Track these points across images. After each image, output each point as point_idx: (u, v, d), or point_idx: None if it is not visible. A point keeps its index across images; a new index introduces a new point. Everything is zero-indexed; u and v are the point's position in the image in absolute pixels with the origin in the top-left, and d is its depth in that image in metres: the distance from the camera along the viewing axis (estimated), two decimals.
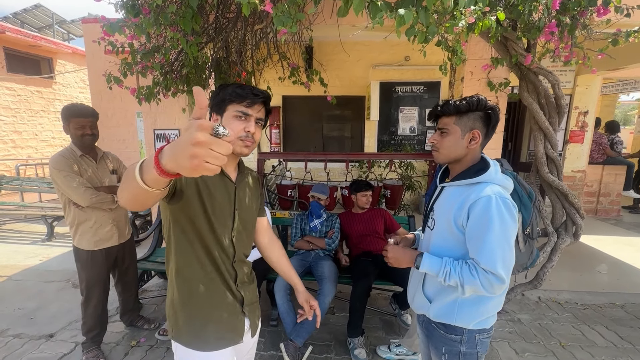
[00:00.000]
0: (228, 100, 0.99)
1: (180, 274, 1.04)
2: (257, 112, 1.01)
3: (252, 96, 0.98)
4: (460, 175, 1.12)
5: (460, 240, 1.07)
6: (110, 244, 2.07)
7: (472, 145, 1.10)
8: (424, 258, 1.09)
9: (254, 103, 0.99)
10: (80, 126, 1.89)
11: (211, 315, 1.05)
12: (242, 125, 0.99)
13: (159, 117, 3.98)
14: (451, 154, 1.12)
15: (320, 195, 2.67)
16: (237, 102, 0.98)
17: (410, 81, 5.78)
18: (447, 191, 1.15)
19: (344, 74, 5.84)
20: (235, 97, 0.98)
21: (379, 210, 2.73)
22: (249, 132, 0.99)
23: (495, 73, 2.63)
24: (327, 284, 2.22)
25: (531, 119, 2.36)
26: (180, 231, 1.01)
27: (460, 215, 1.05)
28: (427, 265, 1.08)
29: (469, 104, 1.07)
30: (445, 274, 1.04)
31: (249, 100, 0.98)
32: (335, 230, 2.60)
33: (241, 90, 0.98)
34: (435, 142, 1.15)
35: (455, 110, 1.09)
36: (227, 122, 0.99)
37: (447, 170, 1.28)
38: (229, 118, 0.99)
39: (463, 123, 1.09)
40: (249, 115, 0.99)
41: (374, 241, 2.52)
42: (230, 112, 0.99)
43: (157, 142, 3.71)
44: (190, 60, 2.17)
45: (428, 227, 1.20)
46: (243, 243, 1.13)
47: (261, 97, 1.00)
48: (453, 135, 1.10)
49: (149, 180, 0.62)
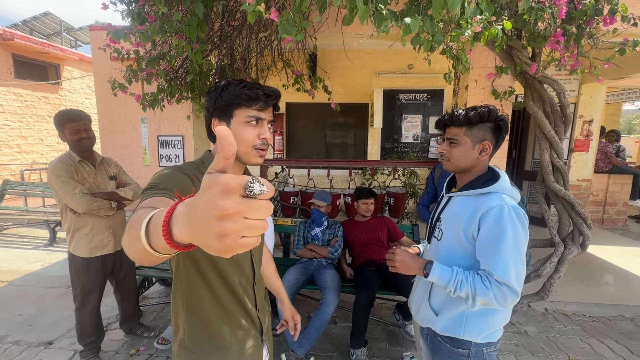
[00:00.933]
0: (236, 103, 0.84)
1: (192, 311, 0.90)
2: (269, 114, 0.89)
3: (264, 98, 0.84)
4: (469, 185, 1.11)
5: (469, 252, 1.05)
6: (105, 251, 2.05)
7: (483, 156, 1.09)
8: (434, 266, 1.06)
9: (267, 105, 0.86)
10: (75, 131, 1.88)
11: (229, 352, 0.92)
12: (255, 132, 0.85)
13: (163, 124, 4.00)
14: (461, 164, 1.11)
15: (320, 203, 2.64)
16: (246, 106, 0.84)
17: (413, 89, 5.79)
18: (455, 201, 1.13)
19: (347, 82, 5.87)
20: (246, 99, 0.83)
21: (383, 219, 2.70)
22: (265, 140, 0.86)
23: (500, 81, 2.62)
24: (329, 293, 2.19)
25: (536, 128, 2.34)
26: (190, 263, 0.87)
27: (470, 226, 1.03)
28: (438, 274, 1.05)
29: (480, 115, 1.06)
30: (457, 283, 1.01)
31: (262, 103, 0.84)
32: (339, 238, 2.57)
33: (250, 91, 0.83)
34: (445, 152, 1.13)
35: (466, 122, 1.07)
36: (237, 129, 0.85)
37: (453, 179, 1.27)
38: (239, 124, 0.85)
39: (473, 134, 1.08)
40: (262, 120, 0.86)
41: (377, 250, 2.49)
42: (240, 117, 0.85)
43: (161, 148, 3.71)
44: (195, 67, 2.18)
45: (435, 238, 1.18)
46: (260, 260, 1.04)
47: (274, 97, 0.87)
48: (463, 146, 1.09)
49: (159, 248, 0.45)
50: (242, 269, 0.94)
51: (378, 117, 5.52)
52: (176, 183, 0.81)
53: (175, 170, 0.86)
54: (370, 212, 2.61)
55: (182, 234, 0.39)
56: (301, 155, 6.30)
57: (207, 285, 0.88)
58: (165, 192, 0.74)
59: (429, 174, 2.28)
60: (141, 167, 4.43)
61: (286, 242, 3.04)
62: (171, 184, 0.79)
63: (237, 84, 0.85)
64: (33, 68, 7.59)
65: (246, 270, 0.96)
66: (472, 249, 1.04)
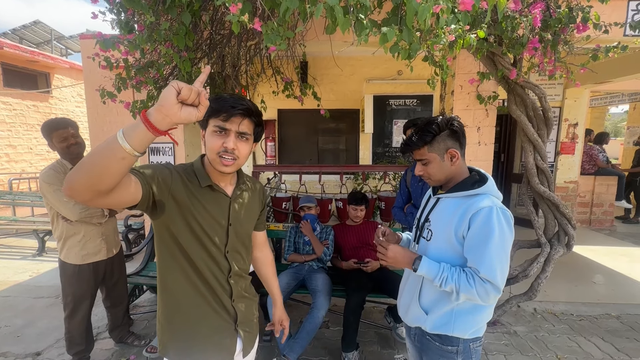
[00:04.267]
0: (207, 114, 0.93)
1: (166, 289, 1.01)
2: (238, 126, 0.93)
3: (228, 108, 0.91)
4: (458, 187, 1.14)
5: (458, 252, 1.08)
6: (97, 258, 2.04)
7: (455, 162, 1.14)
8: (422, 261, 1.10)
9: (232, 115, 0.91)
10: (63, 138, 1.89)
11: (197, 333, 1.01)
12: (219, 141, 0.92)
13: None
14: (441, 177, 1.15)
15: (309, 204, 2.69)
16: (214, 116, 0.92)
17: (403, 94, 5.89)
18: (443, 202, 1.16)
19: (338, 88, 5.94)
20: (212, 111, 0.92)
21: (373, 223, 2.73)
22: (227, 148, 0.92)
23: (485, 86, 2.69)
24: (320, 297, 2.20)
25: (520, 132, 2.40)
26: (164, 246, 0.97)
27: (461, 227, 1.06)
28: (425, 269, 1.09)
29: (431, 132, 1.11)
30: (442, 279, 1.05)
31: (225, 114, 0.91)
32: (330, 242, 2.59)
33: (217, 103, 0.92)
34: (422, 173, 1.18)
35: (423, 142, 1.12)
36: (208, 138, 0.94)
37: None
38: (208, 133, 0.94)
39: (436, 148, 1.12)
40: (227, 130, 0.92)
41: (367, 253, 2.51)
42: (210, 127, 0.94)
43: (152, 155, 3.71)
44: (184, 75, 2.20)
45: (423, 238, 1.20)
46: (240, 258, 1.09)
47: (239, 108, 0.91)
48: (433, 162, 1.14)
49: (136, 142, 0.68)
50: (214, 258, 1.01)
51: (369, 122, 5.59)
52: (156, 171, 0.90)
53: (161, 165, 0.96)
54: (360, 218, 2.64)
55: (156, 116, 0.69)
56: (294, 161, 6.33)
57: (179, 265, 0.98)
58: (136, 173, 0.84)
59: (402, 177, 2.33)
60: None
61: (278, 248, 3.05)
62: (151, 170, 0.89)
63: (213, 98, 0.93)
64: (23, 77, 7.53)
65: (221, 263, 1.03)
66: (461, 250, 1.07)
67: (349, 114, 6.18)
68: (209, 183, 0.99)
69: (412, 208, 2.15)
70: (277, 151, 6.42)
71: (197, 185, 0.98)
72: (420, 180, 2.07)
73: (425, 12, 1.05)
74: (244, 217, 1.08)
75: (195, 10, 1.81)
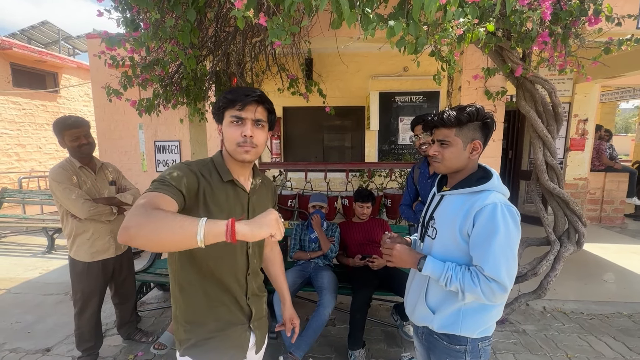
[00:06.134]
0: (223, 107, 0.97)
1: (184, 289, 1.02)
2: (254, 114, 0.97)
3: (242, 97, 0.95)
4: (462, 184, 1.12)
5: (463, 250, 1.07)
6: (107, 255, 2.07)
7: (474, 155, 1.11)
8: (427, 261, 1.09)
9: (246, 104, 0.95)
10: (75, 137, 1.91)
11: (215, 330, 1.02)
12: (238, 130, 0.96)
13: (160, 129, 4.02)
14: (454, 165, 1.12)
15: (321, 203, 2.69)
16: (230, 107, 0.96)
17: (409, 91, 5.83)
18: (448, 200, 1.15)
19: (343, 85, 5.91)
20: (228, 102, 0.96)
21: (379, 221, 2.72)
22: (246, 137, 0.96)
23: (493, 82, 2.65)
24: (327, 294, 2.20)
25: (529, 127, 2.36)
26: None
27: (465, 224, 1.04)
28: (430, 268, 1.08)
29: (469, 115, 1.07)
30: (447, 279, 1.04)
31: (240, 103, 0.95)
32: (336, 238, 2.60)
33: (231, 94, 0.96)
34: (437, 154, 1.14)
35: (457, 122, 1.09)
36: (226, 130, 0.98)
37: (443, 178, 1.28)
38: (226, 125, 0.98)
39: (464, 134, 1.09)
40: (243, 119, 0.96)
41: (373, 250, 2.50)
42: (227, 118, 0.97)
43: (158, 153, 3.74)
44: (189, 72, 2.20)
45: (428, 237, 1.19)
46: (257, 255, 1.12)
47: (252, 96, 0.95)
48: (455, 147, 1.10)
49: (210, 239, 0.73)
50: (235, 258, 1.03)
51: (374, 119, 5.56)
52: (182, 181, 0.92)
53: (184, 166, 0.97)
54: (366, 215, 2.63)
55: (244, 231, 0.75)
56: (299, 159, 6.32)
57: (198, 268, 1.00)
58: (169, 190, 0.87)
59: (409, 174, 2.31)
60: (139, 173, 4.44)
61: (283, 246, 3.05)
62: (178, 182, 0.90)
63: (226, 90, 0.99)
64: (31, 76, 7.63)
65: (239, 261, 1.05)
66: (467, 248, 1.06)
67: (355, 111, 6.14)
68: (230, 178, 1.02)
69: (420, 205, 2.13)
70: (282, 149, 6.43)
71: (218, 180, 1.00)
72: (428, 177, 2.04)
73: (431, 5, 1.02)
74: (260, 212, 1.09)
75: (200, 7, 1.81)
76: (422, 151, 2.05)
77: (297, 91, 3.07)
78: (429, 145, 1.60)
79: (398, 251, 1.16)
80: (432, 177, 2.01)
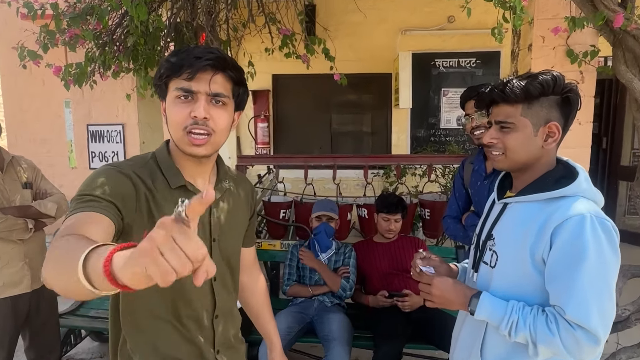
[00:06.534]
0: (165, 75, 0.95)
1: (128, 339, 1.02)
2: (209, 85, 0.94)
3: (192, 61, 0.91)
4: (533, 187, 1.12)
5: (537, 283, 1.07)
6: (19, 290, 2.07)
7: (549, 143, 1.10)
8: (482, 299, 1.08)
9: (198, 70, 0.91)
10: None
11: None
12: (185, 109, 0.94)
13: (95, 108, 4.04)
14: (520, 157, 1.12)
15: (332, 214, 2.69)
16: (175, 76, 0.93)
17: (456, 51, 5.83)
18: (513, 210, 1.15)
19: (359, 43, 5.92)
20: (171, 69, 0.93)
21: (412, 240, 2.72)
22: (196, 118, 0.93)
23: (578, 38, 2.63)
24: (336, 347, 2.20)
25: (632, 104, 2.35)
26: None
27: (539, 246, 1.04)
28: (488, 311, 1.07)
29: (542, 85, 1.06)
30: (511, 325, 1.03)
31: (189, 70, 0.91)
32: (351, 267, 2.59)
33: (177, 57, 0.94)
34: (496, 142, 1.14)
35: (525, 96, 1.08)
36: (169, 109, 0.97)
37: (506, 178, 1.28)
38: (170, 102, 0.96)
39: (534, 113, 1.09)
40: (193, 93, 0.93)
41: (404, 283, 2.50)
42: (171, 93, 0.96)
43: (92, 142, 3.76)
44: (137, 26, 2.21)
45: (485, 264, 1.19)
46: (227, 287, 1.12)
47: (206, 59, 0.92)
48: (522, 131, 1.10)
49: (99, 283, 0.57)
50: (196, 294, 1.03)
51: (406, 92, 5.55)
52: (112, 189, 0.89)
53: (111, 169, 0.95)
54: (394, 232, 2.63)
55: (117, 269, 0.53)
56: (295, 150, 6.34)
57: (144, 309, 1.00)
58: (96, 205, 0.84)
59: (456, 173, 2.30)
60: (65, 169, 4.47)
61: (273, 276, 3.05)
62: (105, 191, 0.88)
63: (171, 53, 0.96)
64: None
65: (203, 297, 1.05)
66: (542, 279, 1.05)
67: (377, 81, 6.16)
68: (181, 183, 1.01)
69: (474, 218, 2.12)
70: (271, 136, 6.46)
71: (164, 186, 1.00)
72: (485, 176, 2.03)
73: None
74: (230, 228, 1.11)
75: None
76: (475, 138, 2.04)
77: (294, 52, 3.07)
78: (484, 130, 1.59)
79: (439, 287, 1.15)
80: (490, 177, 2.00)
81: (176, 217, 0.48)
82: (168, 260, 0.46)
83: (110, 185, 0.89)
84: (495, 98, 1.13)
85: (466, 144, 5.95)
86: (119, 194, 0.90)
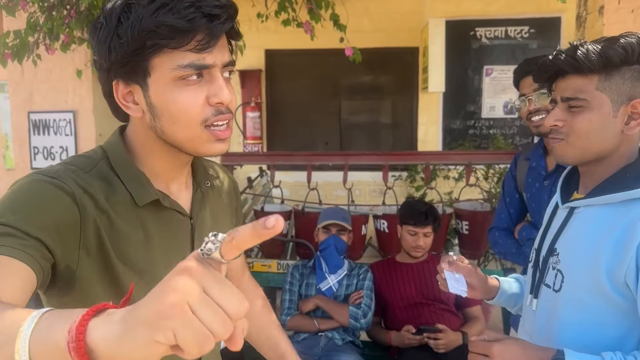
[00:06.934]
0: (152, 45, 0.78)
1: None
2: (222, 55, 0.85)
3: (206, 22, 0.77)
4: (608, 186, 1.11)
5: (621, 309, 1.05)
6: None
7: (632, 127, 1.09)
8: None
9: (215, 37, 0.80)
10: None
11: None
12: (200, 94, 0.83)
13: (39, 91, 4.07)
14: (592, 145, 1.11)
15: (344, 224, 2.69)
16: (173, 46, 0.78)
17: (504, 18, 5.84)
18: (582, 217, 1.15)
19: (377, 10, 5.94)
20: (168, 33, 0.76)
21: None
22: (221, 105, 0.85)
23: None
24: None
25: None
26: None
27: (619, 261, 1.02)
28: None
29: (625, 49, 1.05)
30: None
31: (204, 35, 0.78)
32: (366, 291, 2.59)
33: (175, 13, 0.76)
34: (561, 125, 1.13)
35: (602, 63, 1.07)
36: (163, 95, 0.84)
37: (572, 176, 1.27)
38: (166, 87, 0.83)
39: (614, 88, 1.08)
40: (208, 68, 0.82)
41: (437, 315, 2.51)
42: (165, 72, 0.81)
43: (35, 135, 3.78)
44: None
45: (547, 287, 1.19)
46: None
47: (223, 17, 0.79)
48: (597, 110, 1.09)
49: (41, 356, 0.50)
50: None
51: (437, 72, 5.55)
52: (41, 216, 0.77)
53: (43, 181, 0.82)
54: (423, 250, 2.63)
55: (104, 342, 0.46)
56: (295, 147, 6.33)
57: None
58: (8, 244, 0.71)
59: (507, 173, 2.29)
60: (0, 171, 4.49)
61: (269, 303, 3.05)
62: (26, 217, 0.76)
63: (147, 3, 0.77)
64: None
65: None
66: (627, 304, 1.04)
67: (399, 57, 6.19)
68: (152, 197, 0.92)
69: (531, 230, 2.11)
70: (264, 128, 6.48)
71: (126, 203, 0.90)
72: (545, 175, 2.02)
73: None
74: None
75: None
76: (533, 126, 2.03)
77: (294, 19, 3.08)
78: (546, 115, 1.58)
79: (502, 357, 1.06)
80: (552, 177, 1.99)
81: (204, 258, 0.45)
82: (202, 320, 0.42)
83: (38, 209, 0.77)
84: (563, 67, 1.12)
85: (516, 137, 5.93)
86: (52, 223, 0.77)
